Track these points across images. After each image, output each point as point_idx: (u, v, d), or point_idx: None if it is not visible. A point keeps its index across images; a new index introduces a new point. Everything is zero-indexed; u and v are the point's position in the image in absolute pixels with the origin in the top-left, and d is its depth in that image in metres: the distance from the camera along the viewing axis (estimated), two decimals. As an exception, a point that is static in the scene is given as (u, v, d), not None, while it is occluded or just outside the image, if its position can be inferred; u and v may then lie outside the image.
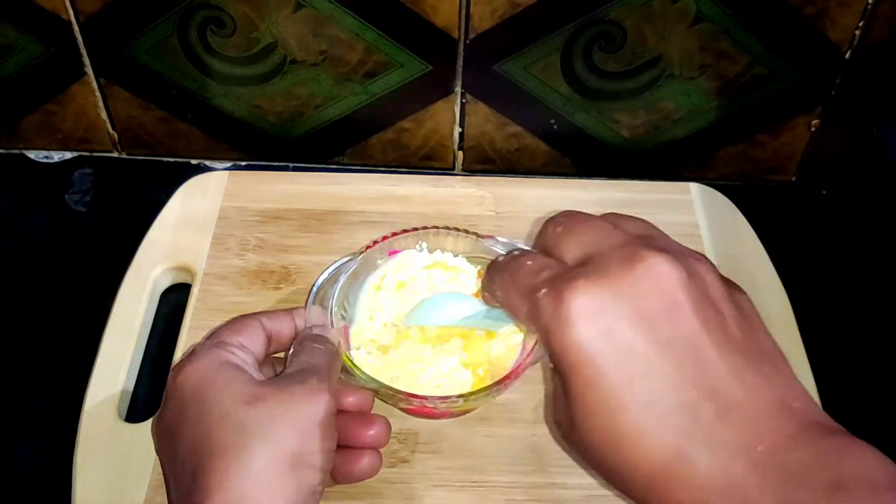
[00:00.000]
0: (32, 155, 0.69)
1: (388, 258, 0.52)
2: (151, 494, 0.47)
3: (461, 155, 0.67)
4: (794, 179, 0.68)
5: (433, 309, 0.48)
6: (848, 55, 0.59)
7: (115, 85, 0.64)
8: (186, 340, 0.53)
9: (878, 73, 0.60)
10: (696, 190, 0.63)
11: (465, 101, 0.63)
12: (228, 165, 0.69)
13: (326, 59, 0.61)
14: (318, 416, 0.40)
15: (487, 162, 0.68)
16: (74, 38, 0.61)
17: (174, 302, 0.57)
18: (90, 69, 0.63)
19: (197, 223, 0.60)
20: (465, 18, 0.58)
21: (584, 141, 0.66)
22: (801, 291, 0.57)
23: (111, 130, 0.67)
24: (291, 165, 0.69)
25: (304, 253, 0.59)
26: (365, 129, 0.66)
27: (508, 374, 0.45)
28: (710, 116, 0.64)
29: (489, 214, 0.62)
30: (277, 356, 0.47)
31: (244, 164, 0.69)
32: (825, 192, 0.66)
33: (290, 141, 0.67)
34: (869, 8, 0.57)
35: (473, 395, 0.45)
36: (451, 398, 0.45)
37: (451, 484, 0.48)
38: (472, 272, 0.51)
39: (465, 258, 0.52)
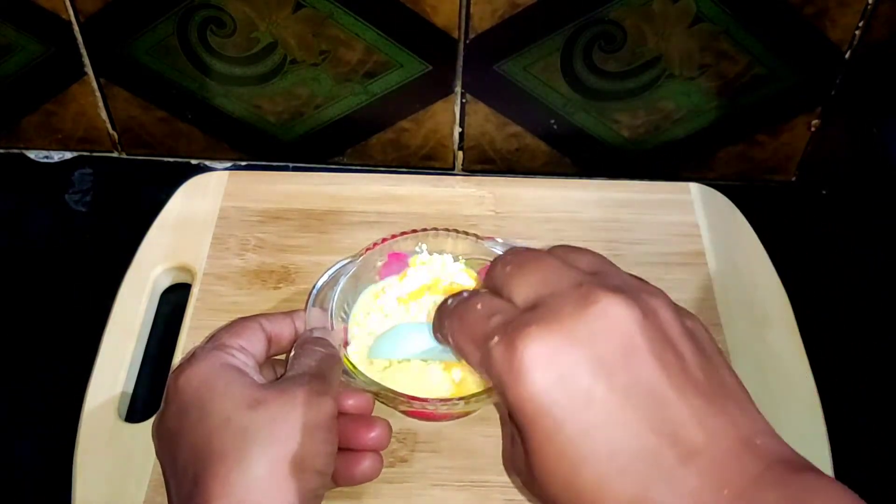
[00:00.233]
0: (32, 155, 0.69)
1: (387, 258, 0.52)
2: (151, 494, 0.47)
3: (461, 155, 0.67)
4: (794, 179, 0.68)
5: (396, 340, 0.47)
6: (848, 55, 0.59)
7: (115, 85, 0.64)
8: (186, 340, 0.53)
9: (878, 73, 0.60)
10: (696, 190, 0.63)
11: (465, 101, 0.63)
12: (228, 165, 0.69)
13: (326, 59, 0.61)
14: (319, 419, 0.40)
15: (487, 162, 0.68)
16: (74, 38, 0.61)
17: (174, 302, 0.57)
18: (90, 69, 0.63)
19: (197, 223, 0.60)
20: (465, 18, 0.58)
21: (584, 141, 0.66)
22: (801, 291, 0.57)
23: (111, 130, 0.67)
24: (291, 165, 0.69)
25: (304, 253, 0.59)
26: (365, 129, 0.66)
27: None
28: (710, 116, 0.64)
29: (489, 214, 0.62)
30: (278, 358, 0.47)
31: (244, 164, 0.69)
32: (825, 192, 0.66)
33: (290, 141, 0.67)
34: (869, 8, 0.57)
35: (474, 397, 0.45)
36: (451, 401, 0.45)
37: (450, 483, 0.48)
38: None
39: (464, 260, 0.52)
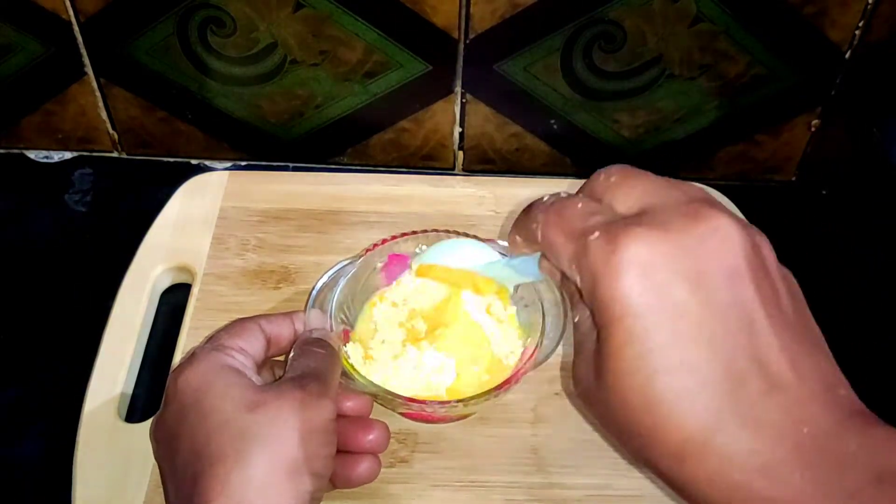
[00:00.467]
0: (32, 155, 0.69)
1: (387, 259, 0.52)
2: (151, 495, 0.47)
3: (461, 155, 0.67)
4: (794, 179, 0.68)
5: (449, 252, 0.46)
6: (848, 55, 0.59)
7: (115, 85, 0.64)
8: (186, 340, 0.53)
9: (878, 73, 0.60)
10: (696, 190, 0.63)
11: (465, 101, 0.63)
12: (228, 165, 0.69)
13: (326, 59, 0.61)
14: (318, 421, 0.40)
15: (487, 162, 0.67)
16: (74, 38, 0.61)
17: (174, 302, 0.57)
18: (90, 69, 0.63)
19: (197, 223, 0.60)
20: (465, 18, 0.58)
21: (584, 141, 0.66)
22: (801, 291, 0.56)
23: (111, 130, 0.67)
24: (291, 165, 0.69)
25: (303, 253, 0.59)
26: (365, 129, 0.66)
27: (508, 378, 0.45)
28: (710, 116, 0.64)
29: (489, 214, 0.62)
30: (277, 359, 0.47)
31: (244, 164, 0.69)
32: (825, 192, 0.66)
33: (290, 141, 0.67)
34: (869, 8, 0.57)
35: (472, 399, 0.45)
36: (450, 403, 0.45)
37: (450, 484, 0.48)
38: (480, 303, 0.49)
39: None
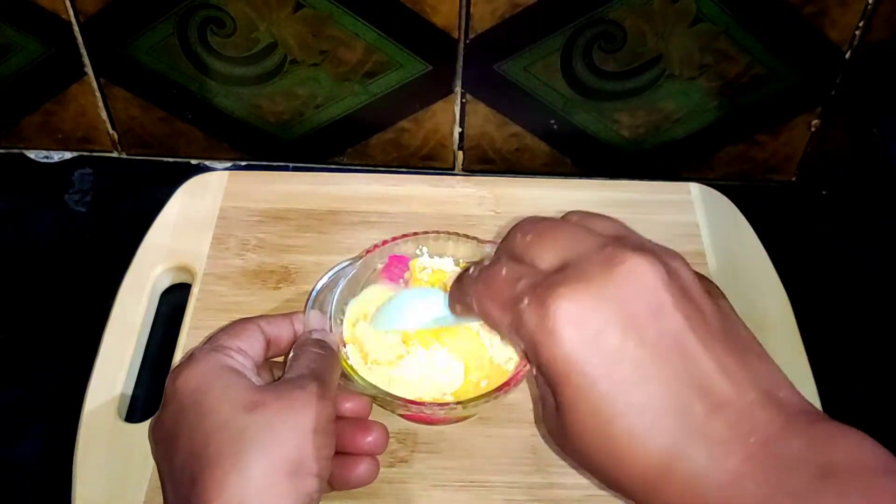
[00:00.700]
0: (32, 155, 0.69)
1: (387, 260, 0.52)
2: (151, 494, 0.47)
3: (461, 155, 0.67)
4: (794, 179, 0.68)
5: (402, 310, 0.47)
6: (848, 55, 0.59)
7: (115, 85, 0.64)
8: (186, 340, 0.53)
9: (878, 73, 0.60)
10: (696, 190, 0.63)
11: (465, 101, 0.63)
12: (228, 165, 0.68)
13: (326, 59, 0.61)
14: (317, 422, 0.40)
15: (487, 162, 0.67)
16: (74, 38, 0.61)
17: (174, 302, 0.57)
18: (90, 69, 0.63)
19: (197, 223, 0.60)
20: (465, 18, 0.58)
21: (584, 141, 0.66)
22: (801, 291, 0.57)
23: (111, 130, 0.67)
24: (291, 165, 0.69)
25: (303, 253, 0.59)
26: (365, 129, 0.66)
27: (507, 380, 0.45)
28: (710, 116, 0.64)
29: (489, 214, 0.62)
30: (276, 360, 0.47)
31: (244, 164, 0.69)
32: (825, 192, 0.66)
33: (290, 141, 0.67)
34: (869, 8, 0.57)
35: (472, 401, 0.45)
36: (449, 405, 0.45)
37: (450, 484, 0.48)
38: None
39: (465, 263, 0.52)
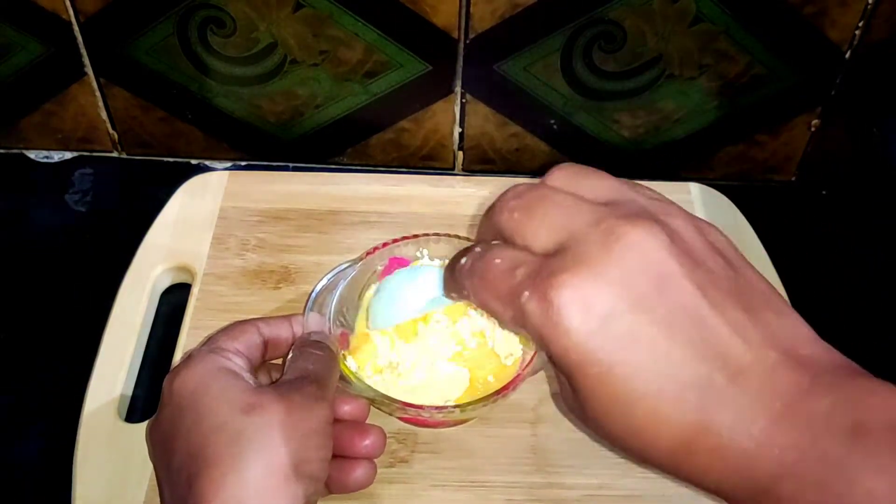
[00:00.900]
0: (32, 155, 0.69)
1: (387, 262, 0.51)
2: (151, 494, 0.47)
3: (461, 155, 0.67)
4: (794, 179, 0.68)
5: (396, 301, 0.46)
6: (848, 55, 0.59)
7: (115, 85, 0.64)
8: (186, 341, 0.53)
9: (878, 73, 0.60)
10: (696, 190, 0.63)
11: (465, 101, 0.63)
12: (228, 165, 0.69)
13: (326, 59, 0.61)
14: (314, 424, 0.40)
15: (487, 162, 0.67)
16: (74, 38, 0.61)
17: (174, 302, 0.57)
18: (90, 69, 0.63)
19: (197, 223, 0.60)
20: (465, 18, 0.58)
21: (584, 141, 0.66)
22: (801, 291, 0.56)
23: (111, 130, 0.67)
24: (291, 165, 0.69)
25: (303, 253, 0.59)
26: (365, 129, 0.66)
27: (506, 384, 0.45)
28: (710, 116, 0.64)
29: (489, 214, 0.61)
30: (274, 362, 0.47)
31: (244, 164, 0.69)
32: (825, 192, 0.66)
33: (290, 141, 0.67)
34: (869, 8, 0.57)
35: (470, 405, 0.44)
36: (447, 408, 0.45)
37: (450, 484, 0.48)
38: None
39: None
